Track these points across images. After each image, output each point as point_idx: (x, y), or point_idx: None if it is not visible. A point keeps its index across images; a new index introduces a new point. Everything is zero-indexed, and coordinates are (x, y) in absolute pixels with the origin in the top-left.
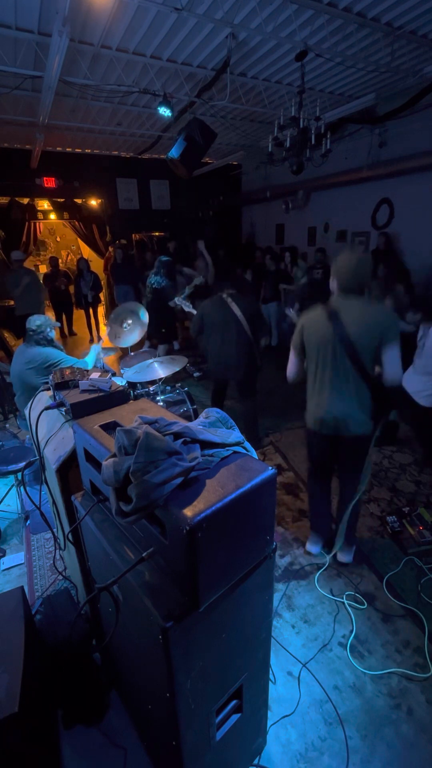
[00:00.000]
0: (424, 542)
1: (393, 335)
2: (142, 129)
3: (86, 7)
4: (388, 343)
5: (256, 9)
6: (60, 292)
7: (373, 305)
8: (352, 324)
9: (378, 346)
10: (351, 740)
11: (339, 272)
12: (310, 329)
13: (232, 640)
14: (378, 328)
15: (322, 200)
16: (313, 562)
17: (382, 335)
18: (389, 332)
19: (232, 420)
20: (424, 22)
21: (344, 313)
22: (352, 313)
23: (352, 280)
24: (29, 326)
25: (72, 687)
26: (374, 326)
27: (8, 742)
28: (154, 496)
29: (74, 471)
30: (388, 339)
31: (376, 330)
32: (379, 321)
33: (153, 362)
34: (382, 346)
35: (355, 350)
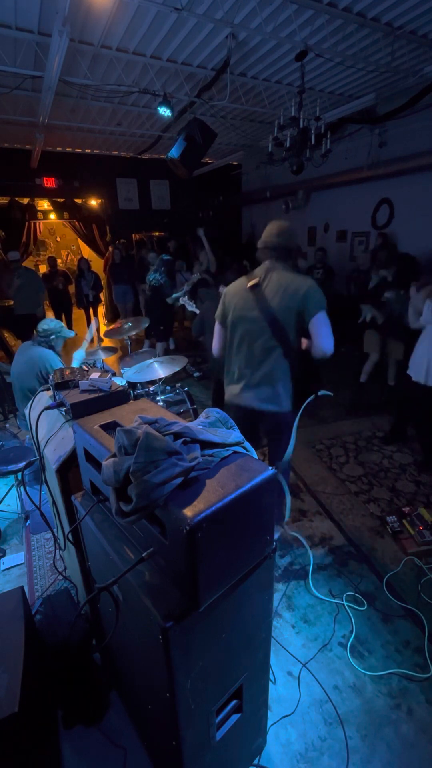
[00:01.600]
0: (424, 542)
1: (317, 304)
2: (142, 129)
3: (86, 7)
4: (314, 312)
5: (256, 9)
6: (58, 292)
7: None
8: (273, 294)
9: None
10: (351, 740)
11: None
12: (232, 299)
13: (232, 640)
14: (299, 296)
15: (322, 200)
16: (313, 562)
17: (304, 302)
18: (312, 299)
19: (232, 420)
20: (424, 22)
21: (266, 282)
22: (273, 282)
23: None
24: (39, 326)
25: (72, 687)
26: (296, 294)
27: (8, 742)
28: (154, 496)
29: (74, 471)
30: (313, 308)
31: (297, 298)
32: (300, 289)
33: (153, 362)
34: (306, 316)
35: (276, 321)
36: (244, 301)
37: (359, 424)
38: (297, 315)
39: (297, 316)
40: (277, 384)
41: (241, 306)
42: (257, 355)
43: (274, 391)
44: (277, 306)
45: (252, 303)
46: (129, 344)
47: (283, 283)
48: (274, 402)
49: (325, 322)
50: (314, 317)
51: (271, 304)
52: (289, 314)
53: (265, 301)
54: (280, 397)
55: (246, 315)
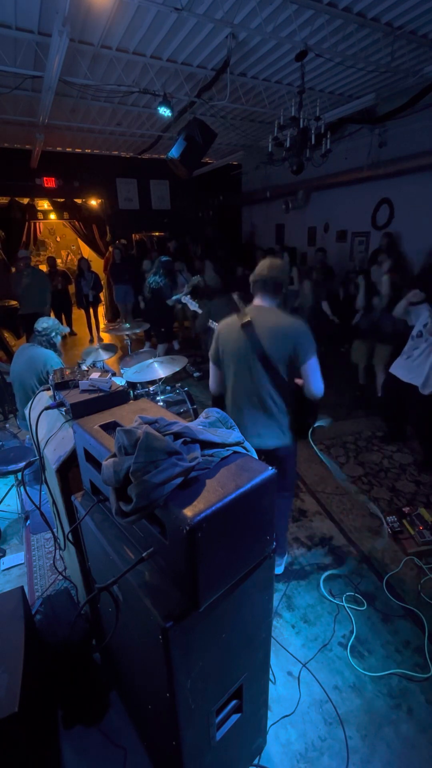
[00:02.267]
0: (424, 542)
1: (308, 348)
2: (142, 129)
3: (86, 7)
4: (305, 356)
5: (256, 9)
6: (58, 292)
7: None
8: (265, 335)
9: (293, 357)
10: (351, 740)
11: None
12: (225, 339)
13: (232, 640)
14: (291, 340)
15: (322, 200)
16: (313, 562)
17: (296, 348)
18: (303, 345)
19: (232, 420)
20: (424, 22)
21: (257, 322)
22: (265, 322)
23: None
24: (36, 326)
25: (72, 687)
26: (287, 338)
27: (8, 742)
28: (154, 496)
29: (74, 471)
30: (305, 352)
31: (289, 342)
32: (291, 333)
33: (153, 362)
34: (298, 359)
35: (269, 362)
36: (236, 341)
37: (359, 424)
38: (288, 358)
39: (288, 359)
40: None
41: (235, 345)
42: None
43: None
44: (268, 347)
45: (244, 342)
46: (129, 344)
47: (274, 324)
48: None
49: (315, 368)
50: (306, 364)
51: (262, 344)
52: (281, 356)
53: (258, 342)
54: (278, 432)
55: (239, 353)
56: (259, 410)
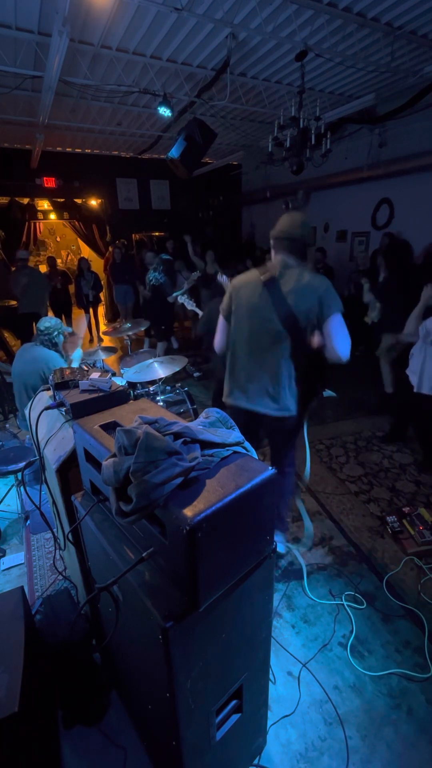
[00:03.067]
0: (424, 542)
1: (334, 303)
2: (142, 129)
3: (86, 7)
4: (330, 310)
5: (256, 9)
6: (58, 292)
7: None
8: (289, 290)
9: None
10: (351, 740)
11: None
12: (242, 293)
13: (232, 640)
14: (315, 292)
15: (322, 200)
16: (313, 562)
17: (320, 302)
18: (328, 299)
19: (232, 420)
20: (424, 22)
21: (283, 279)
22: (289, 279)
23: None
24: (38, 326)
25: (72, 687)
26: (312, 291)
27: (8, 742)
28: (154, 496)
29: (74, 471)
30: (329, 306)
31: (314, 295)
32: (316, 286)
33: (153, 362)
34: (321, 313)
35: (292, 318)
36: (256, 296)
37: (359, 424)
38: (312, 315)
39: (311, 317)
40: (282, 386)
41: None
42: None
43: (279, 393)
44: (293, 303)
45: (265, 298)
46: (129, 344)
47: (300, 280)
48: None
49: (341, 324)
50: (330, 318)
51: (287, 300)
52: (304, 314)
53: (282, 298)
54: (286, 400)
55: (257, 310)
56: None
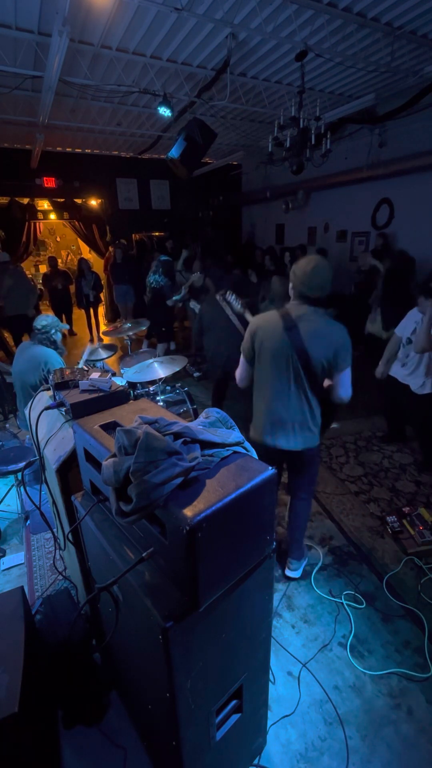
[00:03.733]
0: (424, 542)
1: (346, 357)
2: (142, 129)
3: (86, 7)
4: (342, 363)
5: (256, 9)
6: (58, 292)
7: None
8: (308, 336)
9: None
10: (351, 740)
11: (297, 278)
12: (264, 336)
13: (232, 640)
14: (333, 345)
15: (322, 200)
16: (313, 562)
17: (336, 355)
18: (342, 353)
19: (232, 420)
20: (424, 22)
21: (301, 323)
22: (309, 324)
23: (309, 291)
24: (35, 324)
25: (72, 687)
26: (330, 343)
27: (8, 742)
28: (154, 496)
29: (74, 471)
30: (343, 360)
31: (331, 347)
32: (334, 338)
33: (153, 362)
34: (335, 364)
35: (309, 363)
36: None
37: (359, 424)
38: (328, 363)
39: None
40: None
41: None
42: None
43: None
44: (310, 349)
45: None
46: (129, 344)
47: (318, 327)
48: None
49: (348, 376)
50: (342, 372)
51: (305, 345)
52: (320, 360)
53: (300, 342)
54: (313, 434)
55: (280, 352)
56: (294, 411)
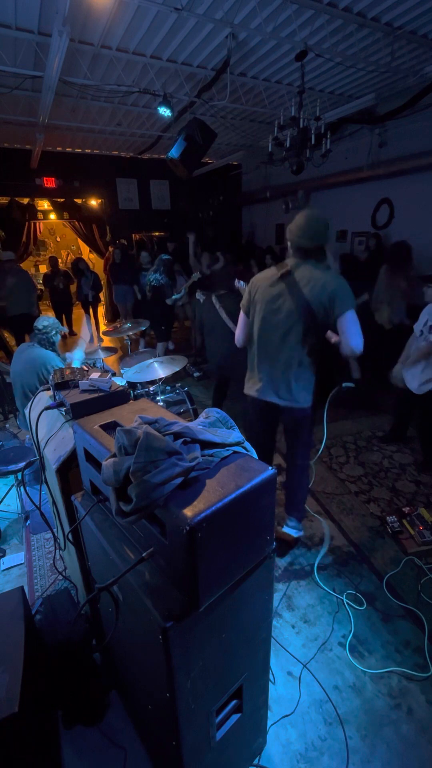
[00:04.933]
0: (424, 542)
1: (346, 299)
2: (142, 129)
3: (86, 7)
4: (343, 307)
5: (256, 9)
6: (59, 292)
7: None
8: (305, 283)
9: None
10: (351, 740)
11: (292, 232)
12: (262, 288)
13: (232, 640)
14: (328, 287)
15: (322, 200)
16: (313, 562)
17: (332, 298)
18: (340, 295)
19: (232, 420)
20: (424, 22)
21: (297, 273)
22: (305, 273)
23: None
24: (36, 325)
25: (72, 687)
26: (326, 287)
27: (8, 742)
28: (154, 496)
29: (74, 471)
30: (342, 303)
31: (327, 289)
32: (329, 282)
33: (153, 362)
34: (333, 307)
35: (309, 310)
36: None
37: (359, 424)
38: (325, 310)
39: (325, 311)
40: (297, 379)
41: (271, 294)
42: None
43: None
44: (308, 293)
45: (283, 291)
46: (129, 344)
47: (314, 276)
48: (290, 396)
49: (354, 320)
50: (344, 315)
51: (302, 291)
52: (319, 307)
53: (298, 290)
54: (297, 391)
55: (275, 303)
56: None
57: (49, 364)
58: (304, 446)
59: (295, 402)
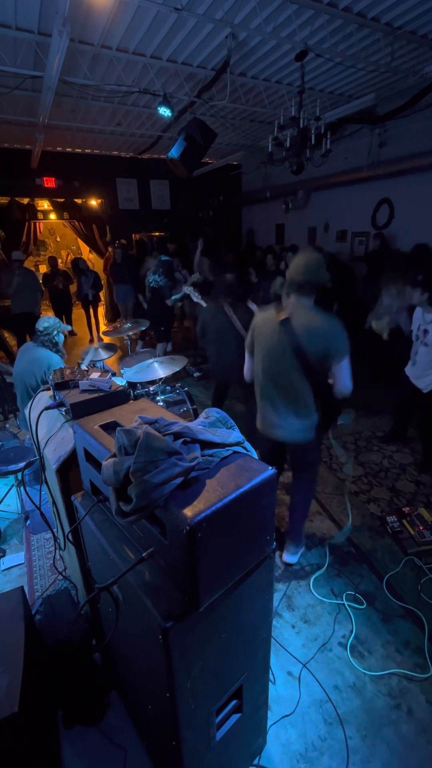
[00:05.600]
0: (424, 542)
1: (342, 348)
2: (142, 129)
3: (86, 7)
4: (338, 356)
5: (256, 9)
6: (59, 292)
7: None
8: (302, 330)
9: (326, 356)
10: (351, 740)
11: (290, 272)
12: (261, 331)
13: (232, 640)
14: (326, 339)
15: (322, 200)
16: (313, 562)
17: (329, 347)
18: (336, 344)
19: (232, 420)
20: (424, 22)
21: (295, 318)
22: (302, 319)
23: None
24: (38, 326)
25: (72, 687)
26: (323, 337)
27: (8, 742)
28: (154, 496)
29: (74, 471)
30: (337, 352)
31: (324, 341)
32: (326, 332)
33: (153, 362)
34: (331, 358)
35: (305, 358)
36: (273, 334)
37: (359, 424)
38: (322, 356)
39: (322, 357)
40: (303, 416)
41: (271, 339)
42: (282, 389)
43: (300, 422)
44: (305, 344)
45: (282, 337)
46: (129, 344)
47: (311, 322)
48: (300, 433)
49: (347, 367)
50: (339, 363)
51: (299, 340)
52: (315, 353)
53: (295, 338)
54: (301, 430)
55: (274, 347)
56: (290, 404)
57: (51, 366)
58: (306, 478)
59: (306, 437)
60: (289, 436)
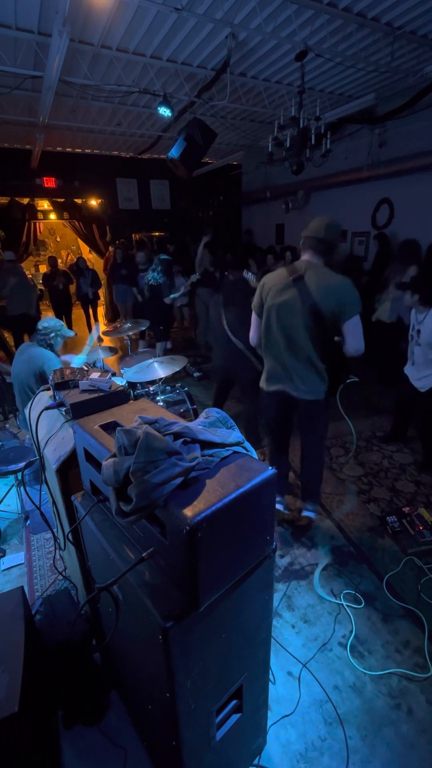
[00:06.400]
0: (424, 542)
1: (353, 305)
2: (142, 129)
3: (86, 7)
4: (349, 313)
5: (256, 9)
6: (59, 292)
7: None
8: (316, 288)
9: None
10: (351, 740)
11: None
12: (272, 289)
13: (232, 640)
14: (339, 294)
15: (322, 200)
16: (313, 562)
17: (340, 304)
18: (348, 301)
19: (232, 420)
20: (424, 22)
21: (309, 277)
22: (316, 276)
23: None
24: (39, 325)
25: (72, 687)
26: (336, 292)
27: (8, 742)
28: (154, 496)
29: (74, 471)
30: (348, 309)
31: (334, 298)
32: (340, 288)
33: (153, 362)
34: (341, 315)
35: (318, 313)
36: (285, 292)
37: (359, 424)
38: (333, 313)
39: (333, 315)
40: (308, 373)
41: (282, 297)
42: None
43: (310, 379)
44: (318, 300)
45: (294, 294)
46: (129, 344)
47: (324, 279)
48: (311, 390)
49: (358, 325)
50: (349, 321)
51: (314, 297)
52: (328, 311)
53: (309, 294)
54: (312, 384)
55: (287, 305)
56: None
57: (46, 364)
58: (317, 437)
59: (308, 393)
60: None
